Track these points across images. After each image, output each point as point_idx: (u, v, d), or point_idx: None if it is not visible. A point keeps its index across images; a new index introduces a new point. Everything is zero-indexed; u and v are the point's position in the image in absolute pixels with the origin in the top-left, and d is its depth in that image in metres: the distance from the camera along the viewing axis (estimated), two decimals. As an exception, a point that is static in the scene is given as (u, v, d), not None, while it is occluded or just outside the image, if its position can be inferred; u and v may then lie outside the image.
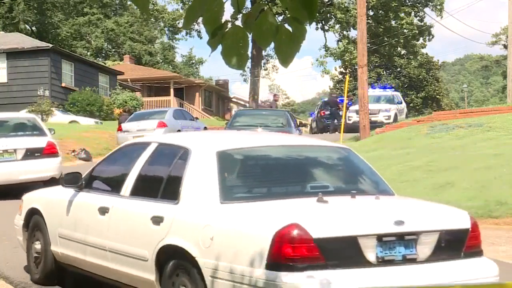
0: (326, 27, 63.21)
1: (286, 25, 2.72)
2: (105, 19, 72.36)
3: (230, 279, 6.50)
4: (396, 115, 35.29)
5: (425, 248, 6.70)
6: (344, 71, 66.55)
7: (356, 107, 30.34)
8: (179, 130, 26.91)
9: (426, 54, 71.89)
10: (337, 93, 53.22)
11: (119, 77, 53.20)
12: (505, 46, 56.52)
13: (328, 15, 61.07)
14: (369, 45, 35.52)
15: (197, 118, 32.83)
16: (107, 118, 41.64)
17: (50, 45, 46.81)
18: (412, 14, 63.16)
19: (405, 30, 63.19)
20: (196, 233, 7.00)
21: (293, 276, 6.11)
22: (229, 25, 2.65)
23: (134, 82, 56.27)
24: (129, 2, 72.23)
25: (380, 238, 6.48)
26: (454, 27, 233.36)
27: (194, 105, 56.70)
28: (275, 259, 6.21)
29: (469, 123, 22.95)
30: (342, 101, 37.50)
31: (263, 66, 64.41)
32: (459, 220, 7.14)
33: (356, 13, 29.27)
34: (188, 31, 60.84)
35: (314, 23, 56.70)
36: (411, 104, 63.83)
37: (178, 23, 66.73)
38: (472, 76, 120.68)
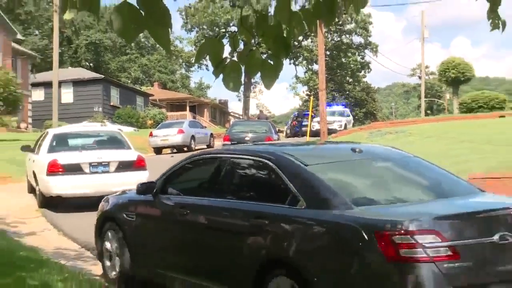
0: (297, 63, 63.47)
1: (269, 60, 2.69)
2: (140, 57, 72.26)
3: (38, 180, 11.86)
4: (346, 124, 35.36)
5: (112, 167, 11.74)
6: (309, 93, 66.69)
7: (318, 118, 30.36)
8: (193, 136, 26.88)
9: (366, 82, 72.19)
10: (304, 109, 53.18)
11: (150, 98, 53.26)
12: (420, 77, 56.89)
13: (298, 54, 61.30)
14: (326, 75, 35.60)
15: (205, 127, 32.76)
16: (142, 127, 41.59)
17: (102, 76, 47.09)
18: (356, 54, 63.54)
19: (351, 65, 63.59)
20: (33, 165, 12.52)
21: (53, 177, 11.36)
22: (228, 60, 2.62)
23: (161, 101, 56.23)
24: (157, 45, 71.94)
25: (90, 163, 11.64)
26: (385, 63, 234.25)
27: (203, 118, 56.65)
28: (47, 171, 11.40)
29: (396, 130, 23.05)
30: (307, 114, 37.57)
31: (252, 90, 64.59)
32: (131, 156, 12.12)
33: (318, 52, 29.24)
34: (198, 65, 61.04)
35: (288, 59, 56.91)
36: (356, 117, 63.97)
37: (192, 60, 66.71)
38: (397, 98, 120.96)
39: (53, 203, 11.87)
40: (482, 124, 21.74)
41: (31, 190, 13.46)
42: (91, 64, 65.02)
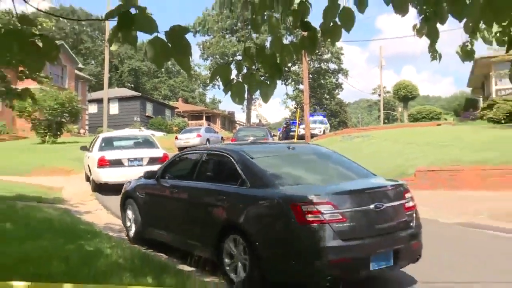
0: (287, 83, 63.42)
1: (266, 81, 2.69)
2: (168, 79, 72.27)
3: (91, 171, 11.86)
4: (324, 130, 35.27)
5: (145, 161, 11.79)
6: (296, 106, 66.59)
7: (303, 126, 30.30)
8: (208, 138, 26.81)
9: (339, 98, 71.95)
10: (293, 118, 53.07)
11: (176, 110, 53.18)
12: (379, 95, 56.83)
13: (288, 76, 61.27)
14: (309, 93, 35.50)
15: (217, 132, 32.70)
16: (169, 132, 41.48)
17: (140, 94, 47.01)
18: (332, 77, 63.52)
19: (328, 85, 63.53)
20: (88, 160, 12.51)
21: (102, 169, 11.55)
22: (234, 80, 2.61)
23: (184, 112, 56.17)
24: (181, 70, 71.73)
25: (129, 159, 11.68)
26: (354, 84, 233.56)
27: (216, 125, 56.57)
28: (98, 164, 11.55)
29: (362, 135, 23.02)
30: (294, 123, 37.40)
31: (253, 103, 64.44)
32: (159, 153, 12.08)
33: (303, 75, 29.21)
34: (212, 84, 60.97)
35: (280, 80, 56.97)
36: (332, 125, 63.79)
37: (207, 81, 66.64)
38: (363, 110, 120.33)
39: (102, 189, 11.93)
40: (424, 131, 21.71)
41: (87, 179, 13.64)
42: (132, 85, 65.05)
